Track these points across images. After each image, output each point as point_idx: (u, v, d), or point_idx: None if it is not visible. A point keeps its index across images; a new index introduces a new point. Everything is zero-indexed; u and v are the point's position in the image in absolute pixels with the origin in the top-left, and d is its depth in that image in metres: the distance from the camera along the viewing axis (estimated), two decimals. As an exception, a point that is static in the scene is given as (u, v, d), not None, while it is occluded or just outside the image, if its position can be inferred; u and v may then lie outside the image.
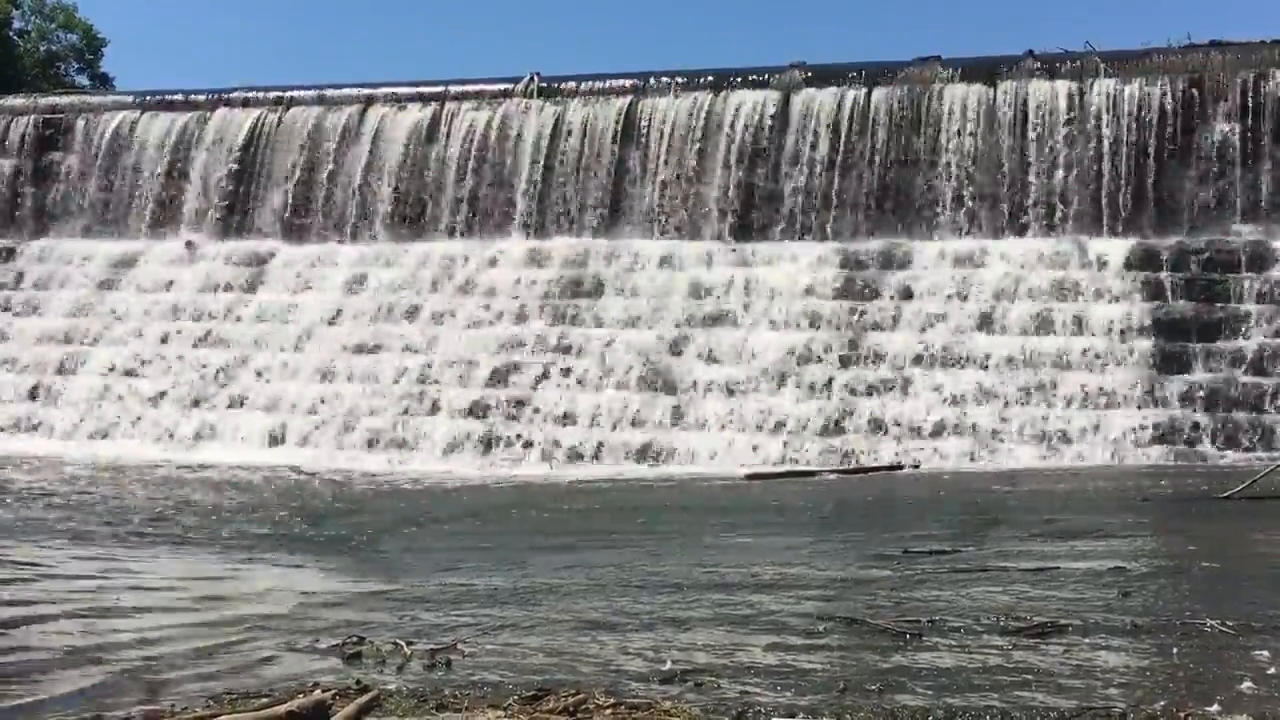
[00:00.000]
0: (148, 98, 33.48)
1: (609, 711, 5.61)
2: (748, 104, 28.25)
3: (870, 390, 23.73)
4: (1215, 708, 5.62)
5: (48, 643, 7.55)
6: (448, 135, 30.18)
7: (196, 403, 26.67)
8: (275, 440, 25.39)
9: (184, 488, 19.47)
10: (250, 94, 32.59)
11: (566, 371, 25.33)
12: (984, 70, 27.37)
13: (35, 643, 7.56)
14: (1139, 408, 22.49)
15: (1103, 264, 24.73)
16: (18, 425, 27.11)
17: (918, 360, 23.97)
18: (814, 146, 27.53)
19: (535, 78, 30.50)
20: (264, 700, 5.84)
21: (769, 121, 27.92)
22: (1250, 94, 25.46)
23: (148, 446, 25.67)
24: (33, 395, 27.82)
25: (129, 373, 27.77)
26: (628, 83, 29.66)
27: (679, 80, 29.38)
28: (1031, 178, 26.22)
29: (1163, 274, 24.28)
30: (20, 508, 16.31)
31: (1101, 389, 22.80)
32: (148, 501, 17.43)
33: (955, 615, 7.71)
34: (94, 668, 6.88)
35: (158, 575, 10.78)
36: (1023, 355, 23.55)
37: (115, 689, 6.35)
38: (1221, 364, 22.85)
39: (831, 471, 21.46)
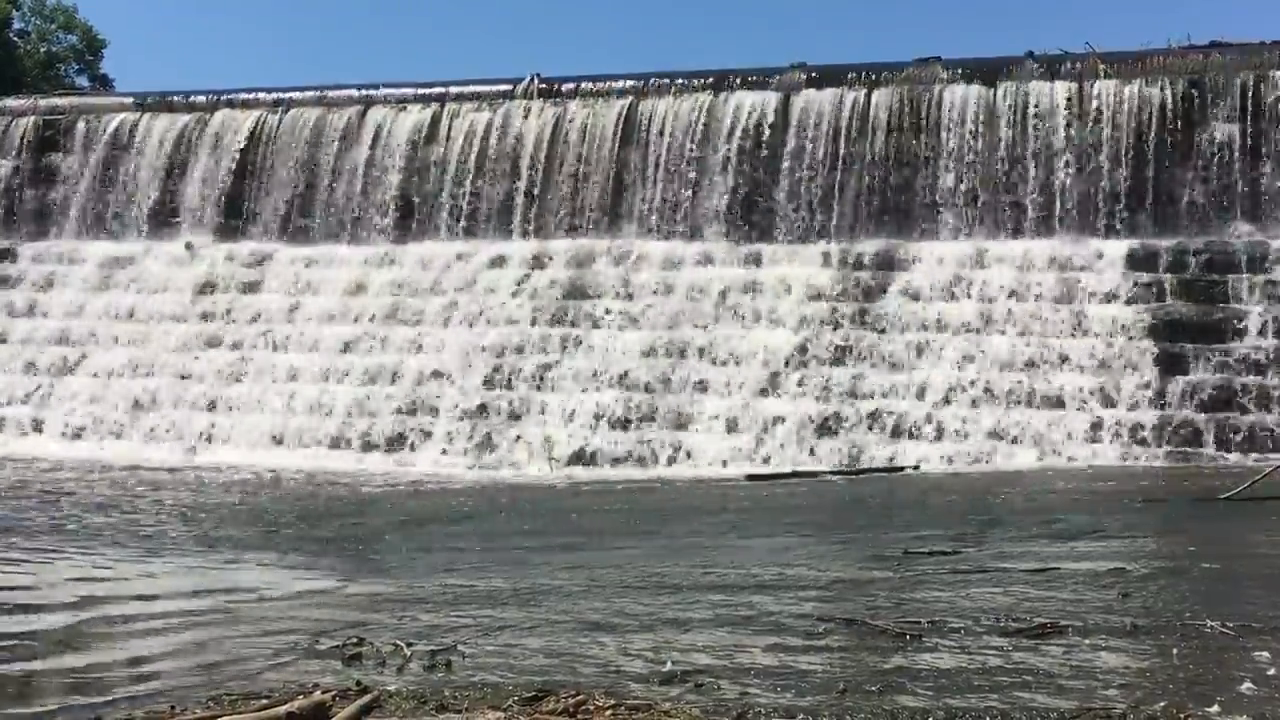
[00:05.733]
0: (148, 99, 33.46)
1: (609, 712, 5.61)
2: (748, 105, 28.26)
3: (870, 391, 23.72)
4: (1215, 709, 5.62)
5: (47, 641, 7.55)
6: (448, 136, 30.18)
7: (195, 404, 26.66)
8: (275, 441, 25.39)
9: (184, 489, 19.48)
10: (250, 95, 32.57)
11: (567, 372, 25.33)
12: (984, 71, 27.38)
13: (34, 642, 7.56)
14: (1139, 408, 22.50)
15: (1103, 265, 24.73)
16: (16, 427, 27.10)
17: (918, 361, 23.96)
18: (814, 147, 27.52)
19: (536, 79, 30.50)
20: (264, 701, 5.84)
21: (769, 122, 27.92)
22: (1250, 95, 25.46)
23: (147, 448, 25.67)
24: (32, 397, 27.80)
25: (128, 374, 27.76)
26: (628, 83, 29.66)
27: (679, 81, 29.39)
28: (1031, 178, 26.22)
29: (1163, 275, 24.29)
30: (19, 509, 16.31)
31: (1101, 390, 22.81)
32: (147, 503, 17.43)
33: (955, 616, 7.71)
34: (93, 667, 6.88)
35: (157, 576, 10.78)
36: (1023, 356, 23.55)
37: (115, 689, 6.35)
38: (1221, 365, 22.85)
39: (832, 472, 21.46)
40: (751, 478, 20.73)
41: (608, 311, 26.35)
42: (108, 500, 17.64)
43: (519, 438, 24.41)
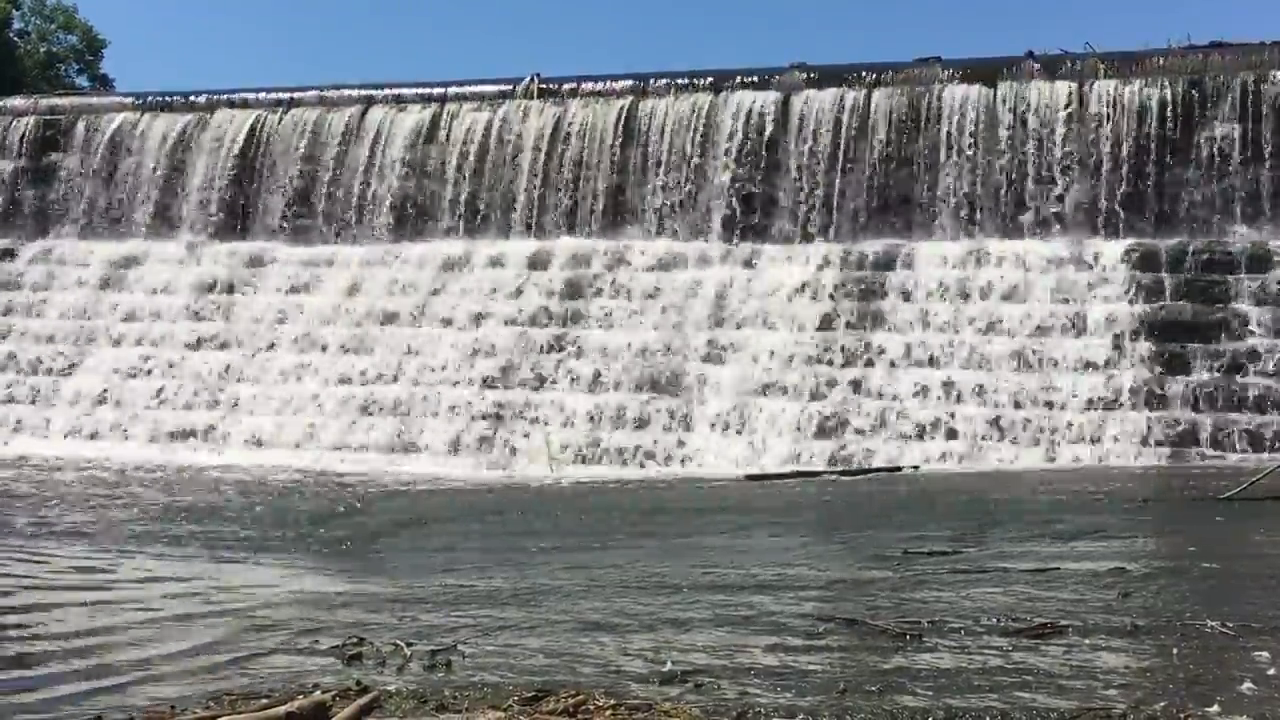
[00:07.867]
0: (148, 99, 33.45)
1: (609, 712, 5.62)
2: (747, 105, 28.25)
3: (870, 391, 23.72)
4: (1215, 709, 5.62)
5: (48, 641, 7.55)
6: (448, 136, 30.18)
7: (196, 404, 26.66)
8: (275, 441, 25.38)
9: (183, 489, 19.47)
10: (250, 95, 32.57)
11: (566, 372, 25.33)
12: (984, 71, 27.36)
13: (36, 640, 7.56)
14: (1138, 409, 22.49)
15: (1102, 265, 24.73)
16: (17, 426, 27.10)
17: (917, 361, 23.97)
18: (814, 147, 27.52)
19: (535, 79, 30.50)
20: (264, 701, 5.84)
21: (769, 122, 27.91)
22: (1250, 95, 25.45)
23: (147, 448, 25.67)
24: (33, 397, 27.80)
25: (128, 374, 27.76)
26: (628, 83, 29.65)
27: (679, 81, 29.38)
28: (1031, 179, 26.21)
29: (1162, 275, 24.28)
30: (22, 508, 16.31)
31: (1101, 390, 22.81)
32: (147, 502, 17.43)
33: (955, 616, 7.70)
34: (95, 666, 6.88)
35: (157, 575, 10.79)
36: (1022, 356, 23.55)
37: (116, 688, 6.35)
38: (1221, 365, 22.85)
39: (831, 472, 21.45)
40: (751, 478, 20.71)
41: (607, 312, 26.35)
42: (107, 500, 17.64)
43: (520, 437, 24.40)
